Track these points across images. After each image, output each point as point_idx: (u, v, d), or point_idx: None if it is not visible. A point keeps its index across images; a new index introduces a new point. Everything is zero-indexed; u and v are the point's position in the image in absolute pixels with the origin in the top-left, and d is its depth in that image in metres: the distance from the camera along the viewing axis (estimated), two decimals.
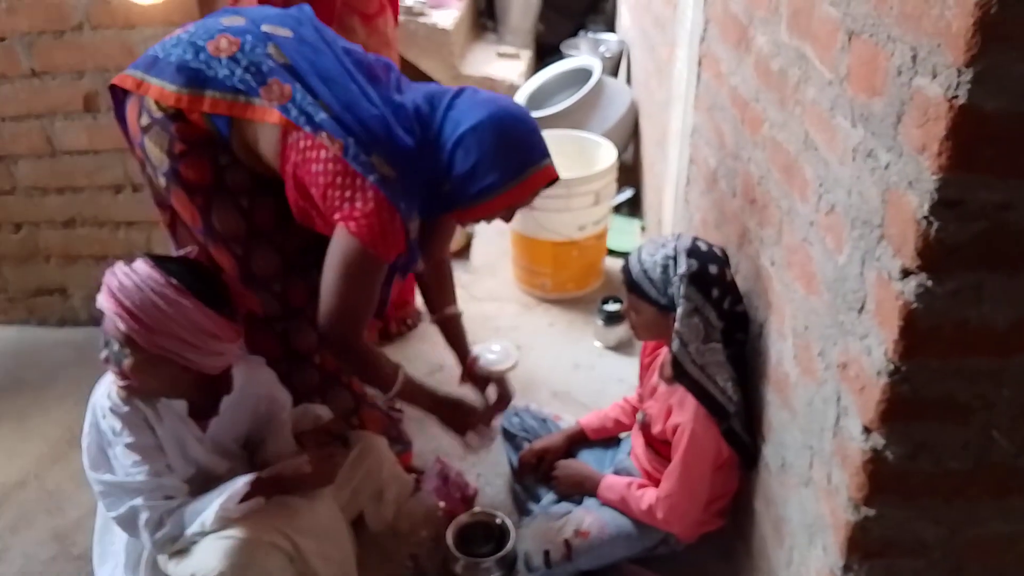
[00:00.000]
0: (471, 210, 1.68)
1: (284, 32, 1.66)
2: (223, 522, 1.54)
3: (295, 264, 1.80)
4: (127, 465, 1.54)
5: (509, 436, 2.12)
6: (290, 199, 1.66)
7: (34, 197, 2.71)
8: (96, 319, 1.56)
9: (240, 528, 1.55)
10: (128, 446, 1.55)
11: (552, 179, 1.69)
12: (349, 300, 1.62)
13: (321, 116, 1.56)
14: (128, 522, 1.56)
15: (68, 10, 2.41)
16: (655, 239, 1.72)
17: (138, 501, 1.53)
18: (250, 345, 1.78)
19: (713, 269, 1.63)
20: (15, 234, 2.79)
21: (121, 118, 1.79)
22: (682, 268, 1.61)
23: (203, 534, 1.55)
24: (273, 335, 1.84)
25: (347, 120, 1.57)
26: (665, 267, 1.64)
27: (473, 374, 2.06)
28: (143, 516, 1.54)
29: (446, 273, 2.07)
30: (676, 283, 1.62)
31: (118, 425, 1.55)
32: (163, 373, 1.57)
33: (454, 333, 2.08)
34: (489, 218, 1.74)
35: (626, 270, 1.73)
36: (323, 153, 1.55)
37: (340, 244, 1.59)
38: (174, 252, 1.85)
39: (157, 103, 1.64)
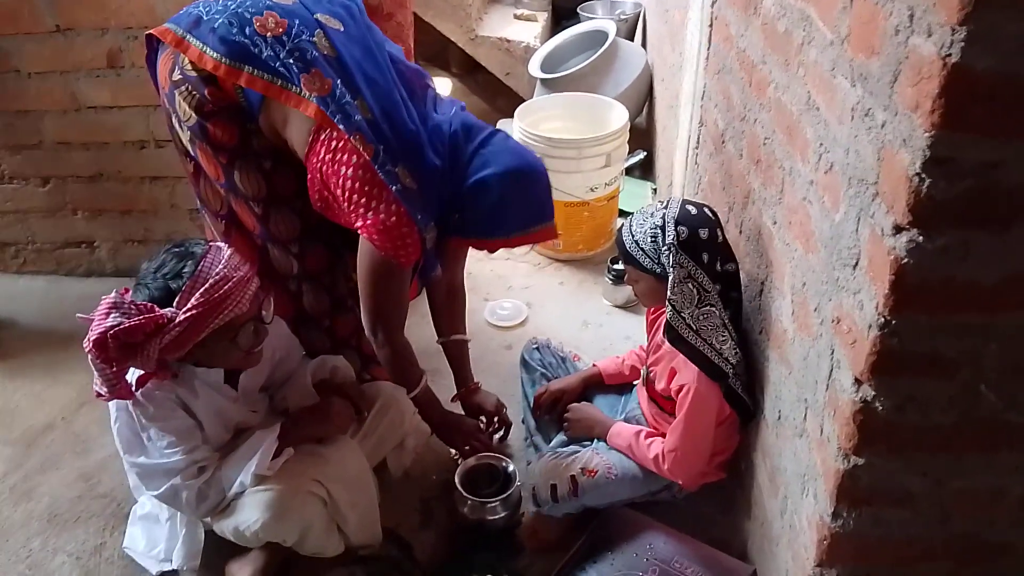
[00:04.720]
0: (470, 241, 1.81)
1: (335, 24, 1.67)
2: (260, 479, 1.62)
3: (316, 228, 1.84)
4: (162, 447, 1.58)
5: (528, 369, 2.18)
6: (311, 189, 1.70)
7: (60, 152, 2.77)
8: (123, 272, 1.61)
9: (277, 479, 1.62)
10: (163, 428, 1.58)
11: (550, 238, 1.82)
12: (381, 302, 1.77)
13: (358, 117, 1.58)
14: (170, 499, 1.63)
15: None
16: (645, 208, 1.74)
17: (177, 480, 1.59)
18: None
19: (703, 233, 1.64)
20: (43, 187, 2.86)
21: (152, 65, 1.81)
22: (670, 237, 1.63)
23: (242, 492, 1.63)
24: (286, 293, 1.90)
25: (383, 128, 1.60)
26: (654, 237, 1.67)
27: (468, 403, 2.14)
28: (184, 494, 1.60)
29: (460, 300, 2.13)
30: (666, 252, 1.64)
31: (150, 409, 1.58)
32: None
33: (458, 358, 2.16)
34: (479, 249, 1.87)
35: (620, 243, 1.77)
36: (354, 158, 1.59)
37: (365, 253, 1.68)
38: (198, 205, 1.91)
39: (193, 64, 1.65)
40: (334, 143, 1.60)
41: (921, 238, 1.03)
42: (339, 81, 1.60)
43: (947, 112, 0.95)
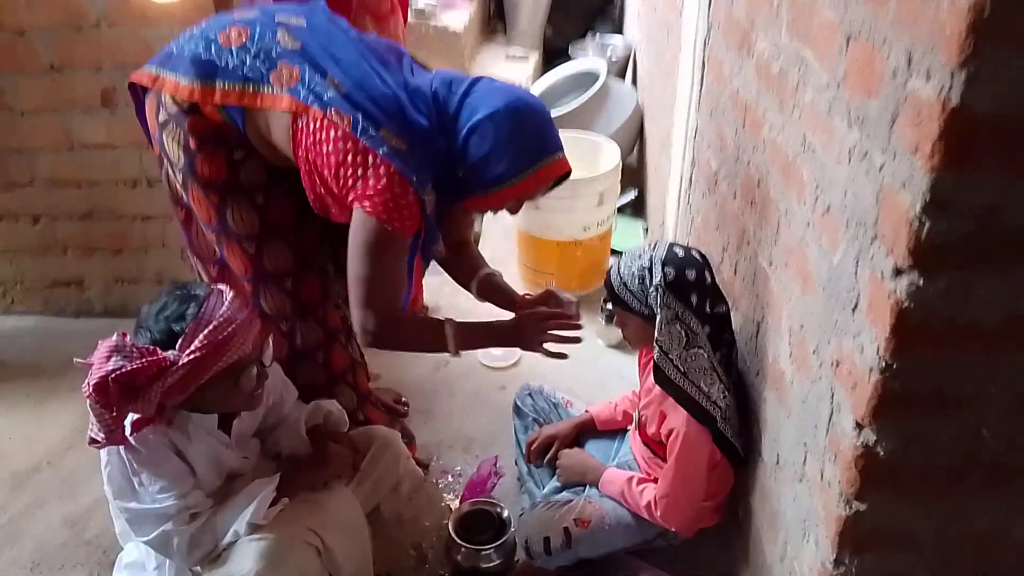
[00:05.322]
0: (483, 198, 1.67)
1: (296, 20, 1.66)
2: (254, 527, 1.57)
3: (309, 258, 1.82)
4: (154, 492, 1.54)
5: (521, 415, 2.15)
6: (307, 187, 1.66)
7: (52, 190, 2.76)
8: (113, 312, 1.58)
9: (272, 528, 1.58)
10: (155, 473, 1.54)
11: (565, 172, 1.68)
12: (379, 283, 1.62)
13: (330, 94, 1.55)
14: (161, 546, 1.57)
15: (86, 6, 2.46)
16: (633, 250, 1.73)
17: (169, 527, 1.54)
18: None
19: (690, 275, 1.63)
20: (34, 226, 2.84)
21: (141, 115, 1.80)
22: (657, 278, 1.62)
23: (235, 540, 1.58)
24: (280, 333, 1.87)
25: (357, 97, 1.56)
26: (642, 278, 1.66)
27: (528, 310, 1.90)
28: (176, 540, 1.55)
29: (472, 251, 2.03)
30: (653, 293, 1.63)
31: (143, 454, 1.54)
32: None
33: (498, 290, 2.00)
34: (497, 208, 1.73)
35: (608, 284, 1.75)
36: (333, 133, 1.54)
37: (359, 227, 1.58)
38: (186, 247, 1.89)
39: (172, 97, 1.65)
40: (312, 125, 1.57)
41: (922, 280, 1.02)
42: (306, 66, 1.58)
43: (947, 154, 0.94)
